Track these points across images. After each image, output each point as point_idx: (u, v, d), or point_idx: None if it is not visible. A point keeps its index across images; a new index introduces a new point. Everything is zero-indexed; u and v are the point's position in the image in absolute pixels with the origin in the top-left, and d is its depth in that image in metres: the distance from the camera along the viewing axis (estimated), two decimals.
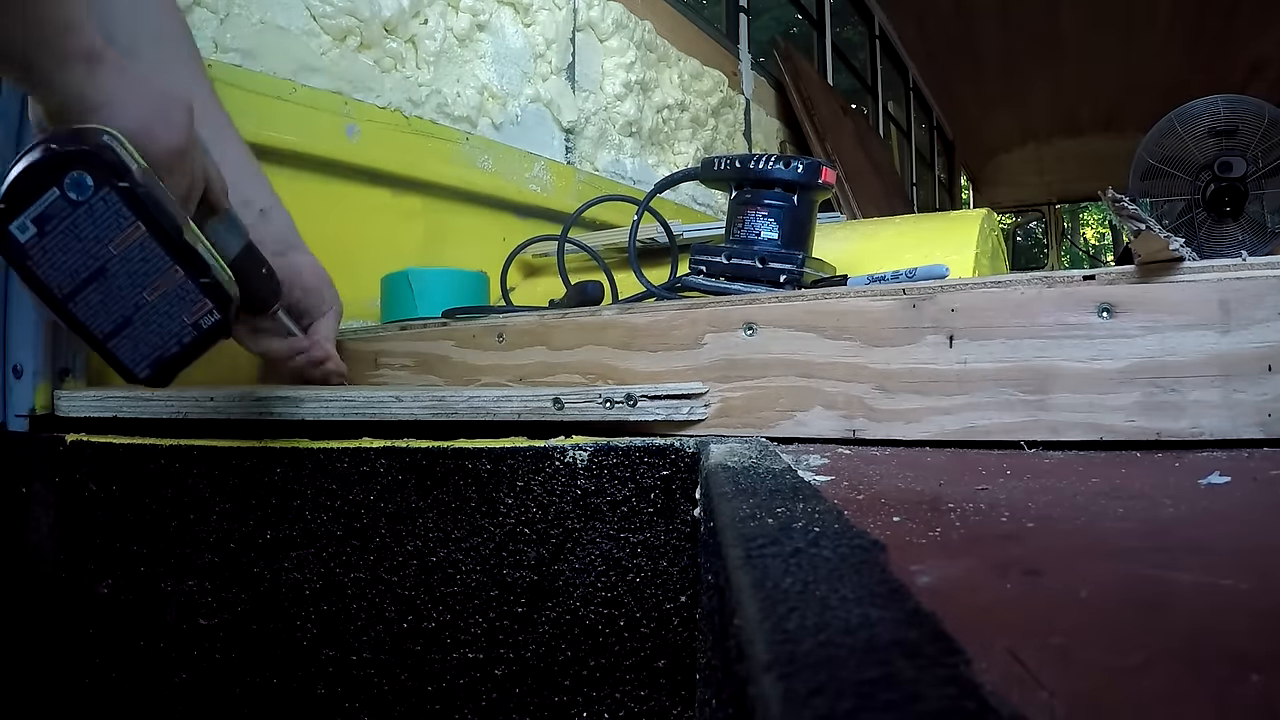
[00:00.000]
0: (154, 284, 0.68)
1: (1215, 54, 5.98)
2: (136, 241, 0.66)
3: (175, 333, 0.69)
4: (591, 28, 2.16)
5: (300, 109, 1.33)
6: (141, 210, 0.65)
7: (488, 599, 0.69)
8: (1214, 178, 2.95)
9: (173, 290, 0.68)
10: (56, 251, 0.64)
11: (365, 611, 0.73)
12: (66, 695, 0.87)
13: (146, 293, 0.67)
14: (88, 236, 0.65)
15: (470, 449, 0.70)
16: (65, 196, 0.63)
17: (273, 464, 0.76)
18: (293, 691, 0.76)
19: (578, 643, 0.67)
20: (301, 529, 0.75)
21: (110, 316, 0.67)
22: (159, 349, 0.69)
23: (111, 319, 0.67)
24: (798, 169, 0.99)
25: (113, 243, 0.65)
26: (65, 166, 0.63)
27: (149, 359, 0.69)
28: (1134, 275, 0.65)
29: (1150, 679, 0.23)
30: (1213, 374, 0.62)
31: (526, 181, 1.84)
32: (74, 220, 0.64)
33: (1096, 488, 0.50)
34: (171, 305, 0.68)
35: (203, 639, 0.79)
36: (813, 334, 0.73)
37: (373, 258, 1.45)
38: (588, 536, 0.66)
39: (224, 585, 0.78)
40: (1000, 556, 0.36)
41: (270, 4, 1.31)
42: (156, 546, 0.81)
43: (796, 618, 0.25)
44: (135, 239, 0.66)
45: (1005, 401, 0.67)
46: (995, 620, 0.28)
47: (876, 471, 0.57)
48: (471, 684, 0.70)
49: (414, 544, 0.71)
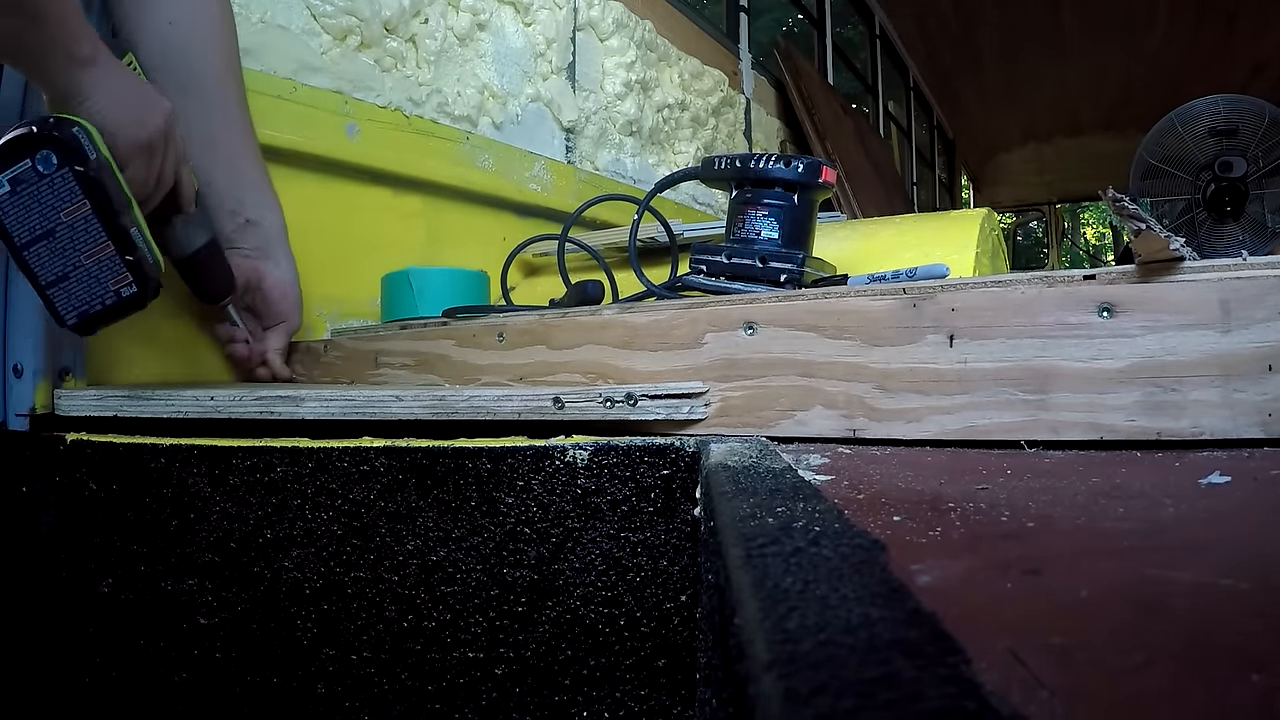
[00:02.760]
0: (89, 252, 0.84)
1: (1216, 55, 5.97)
2: (81, 215, 0.82)
3: (100, 294, 0.85)
4: (592, 27, 2.16)
5: (301, 108, 1.33)
6: (89, 191, 0.82)
7: (488, 598, 0.69)
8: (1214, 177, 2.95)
9: (104, 259, 0.84)
10: (22, 209, 0.81)
11: (365, 611, 0.73)
12: (67, 694, 0.87)
13: (83, 257, 0.84)
14: (46, 203, 0.81)
15: (470, 448, 0.70)
16: (35, 168, 0.80)
17: (273, 463, 0.76)
18: (293, 691, 0.76)
19: (578, 642, 0.67)
20: (302, 528, 0.75)
21: (53, 269, 0.83)
22: (86, 304, 0.85)
23: (54, 271, 0.84)
24: (798, 168, 0.99)
25: (63, 211, 0.82)
26: (39, 145, 0.80)
27: (77, 310, 0.85)
28: (1134, 275, 0.65)
29: (1151, 678, 0.23)
30: (1213, 374, 0.62)
31: (527, 181, 1.84)
32: (38, 188, 0.81)
33: (1097, 487, 0.50)
34: (101, 271, 0.85)
35: (203, 638, 0.79)
36: (813, 333, 0.73)
37: (373, 257, 1.45)
38: (588, 536, 0.66)
39: (224, 584, 0.78)
40: (1000, 556, 0.36)
41: (271, 3, 1.31)
42: (156, 546, 0.81)
43: (797, 617, 0.25)
44: (81, 213, 0.82)
45: (1005, 401, 0.67)
46: (995, 620, 0.28)
47: (877, 471, 0.57)
48: (472, 683, 0.70)
49: (414, 543, 0.71)
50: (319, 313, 1.37)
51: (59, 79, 0.82)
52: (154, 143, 0.89)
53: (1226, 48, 5.92)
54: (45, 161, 0.80)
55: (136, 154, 0.87)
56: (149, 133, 0.88)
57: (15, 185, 0.80)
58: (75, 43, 0.81)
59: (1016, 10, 5.70)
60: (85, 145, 0.81)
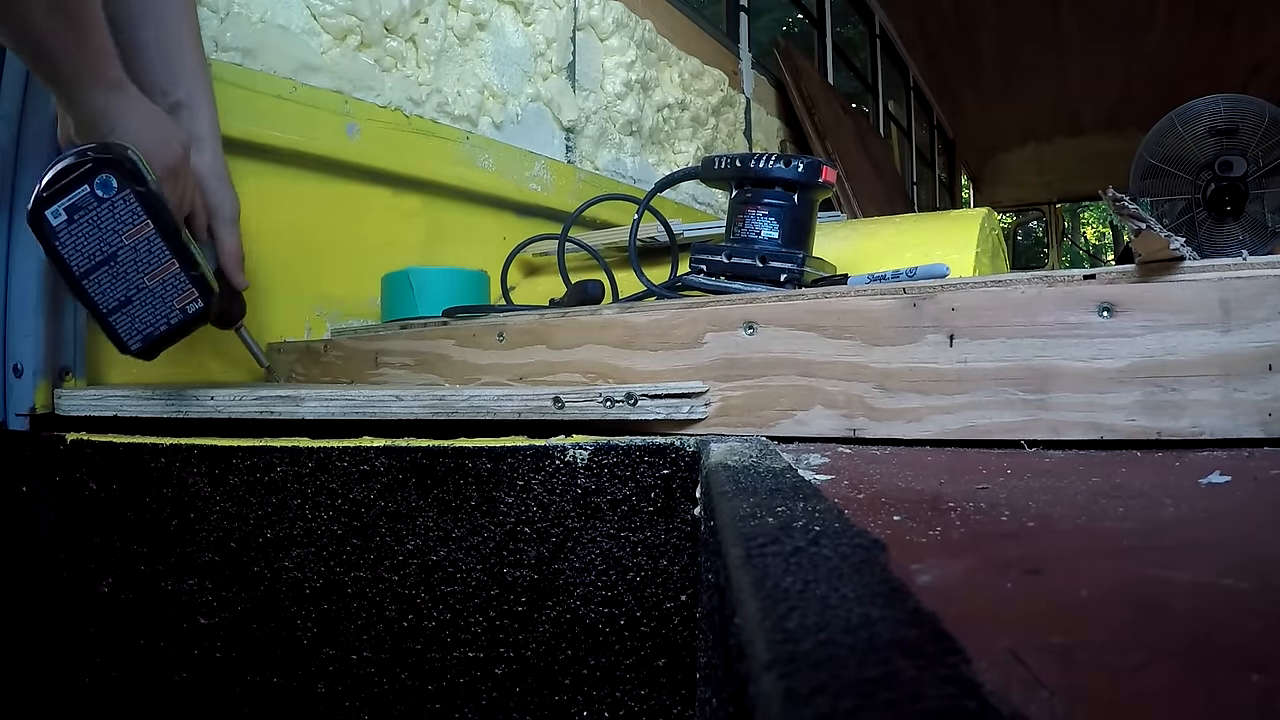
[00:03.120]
0: (153, 272, 0.82)
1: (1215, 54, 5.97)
2: (145, 236, 0.81)
3: (165, 314, 0.83)
4: (592, 27, 2.16)
5: (300, 108, 1.33)
6: (151, 211, 0.81)
7: (488, 598, 0.69)
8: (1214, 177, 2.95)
9: (168, 278, 0.83)
10: (80, 236, 0.79)
11: (366, 610, 0.73)
12: (67, 694, 0.87)
13: (147, 278, 0.82)
14: (106, 228, 0.79)
15: (470, 448, 0.70)
16: (94, 193, 0.79)
17: (273, 463, 0.76)
18: (293, 690, 0.76)
19: (578, 642, 0.67)
20: (302, 528, 0.75)
21: (115, 295, 0.81)
22: (150, 326, 0.83)
23: (115, 297, 0.81)
24: (798, 168, 0.99)
25: (125, 234, 0.80)
26: (96, 169, 0.78)
27: (142, 334, 0.83)
28: (1134, 275, 0.65)
29: (1151, 678, 0.23)
30: (1213, 373, 0.62)
31: (527, 180, 1.84)
32: (97, 213, 0.79)
33: (1097, 487, 0.50)
34: (165, 291, 0.83)
35: (203, 638, 0.79)
36: (813, 333, 0.73)
37: (373, 257, 1.45)
38: (588, 535, 0.66)
39: (224, 584, 0.78)
40: (1001, 556, 0.36)
41: (271, 3, 1.31)
42: (157, 545, 0.80)
43: (797, 617, 0.25)
44: (144, 234, 0.81)
45: (1005, 401, 0.67)
46: (995, 619, 0.28)
47: (877, 471, 0.57)
48: (472, 683, 0.70)
49: (414, 543, 0.71)
50: (319, 312, 1.37)
51: (91, 101, 0.81)
52: (179, 167, 0.90)
53: (1225, 47, 5.92)
54: (105, 185, 0.79)
55: (166, 177, 0.87)
56: (174, 157, 0.89)
57: (72, 213, 0.78)
58: (107, 65, 0.81)
59: (1016, 10, 5.70)
60: (142, 166, 0.81)
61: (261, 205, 1.24)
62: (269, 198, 1.28)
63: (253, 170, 1.25)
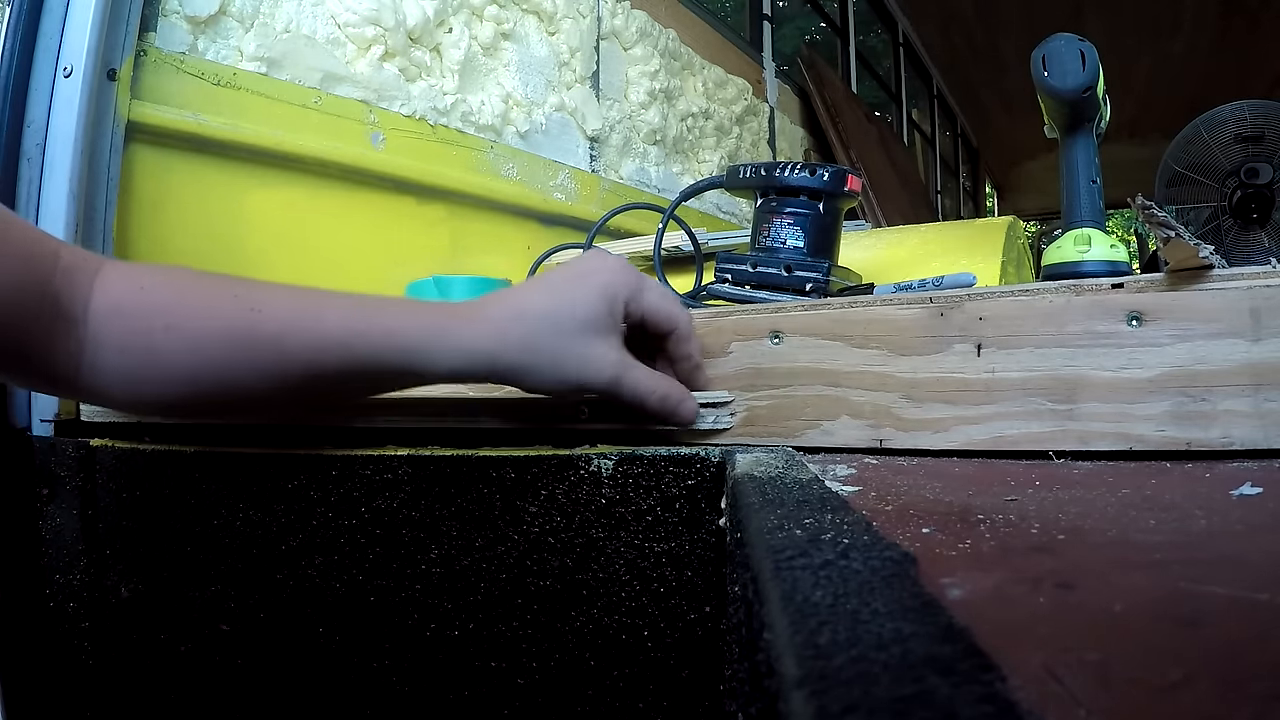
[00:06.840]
0: None
1: (1240, 61, 5.93)
2: None
3: None
4: (616, 36, 2.16)
5: (325, 117, 1.34)
6: None
7: (512, 607, 0.69)
8: (1240, 184, 2.92)
9: None
10: None
11: (389, 619, 0.73)
12: (89, 699, 0.88)
13: None
14: None
15: (495, 457, 0.70)
16: None
17: (296, 470, 0.76)
18: (315, 698, 0.76)
19: (602, 652, 0.66)
20: (325, 536, 0.75)
21: None
22: None
23: None
24: (823, 177, 0.99)
25: None
26: None
27: None
28: (1163, 283, 0.64)
29: (1190, 696, 0.22)
30: (1243, 383, 0.61)
31: (551, 189, 1.84)
32: None
33: (1127, 499, 0.50)
34: None
35: (225, 644, 0.79)
36: (839, 342, 0.73)
37: (398, 265, 1.46)
38: (612, 546, 0.66)
39: (247, 591, 0.78)
40: (1032, 569, 0.35)
41: (296, 13, 1.32)
42: (179, 552, 0.81)
43: (828, 632, 0.25)
44: None
45: (1034, 411, 0.66)
46: (1029, 635, 0.27)
47: (904, 482, 0.57)
48: (494, 693, 0.70)
49: (438, 552, 0.71)
50: None
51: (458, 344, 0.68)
52: None
53: (1251, 54, 5.88)
54: None
55: None
56: None
57: None
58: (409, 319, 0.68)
59: (1040, 18, 5.68)
60: None
61: (286, 214, 1.24)
62: (294, 207, 1.29)
63: (278, 179, 1.26)
